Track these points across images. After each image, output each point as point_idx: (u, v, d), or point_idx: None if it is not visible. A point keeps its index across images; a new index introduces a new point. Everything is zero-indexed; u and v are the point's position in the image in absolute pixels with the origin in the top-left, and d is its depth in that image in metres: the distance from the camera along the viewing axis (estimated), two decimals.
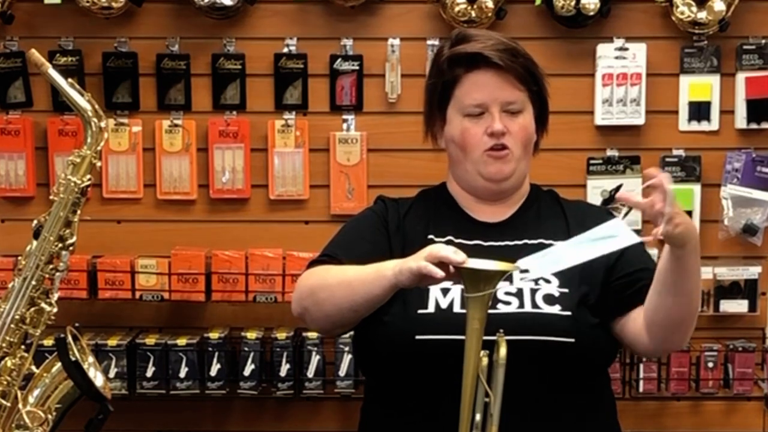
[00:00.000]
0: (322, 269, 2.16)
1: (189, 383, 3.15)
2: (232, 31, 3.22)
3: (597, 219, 2.11)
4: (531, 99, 2.23)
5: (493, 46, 2.19)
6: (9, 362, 2.48)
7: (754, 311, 3.23)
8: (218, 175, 3.23)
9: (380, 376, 2.23)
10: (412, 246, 2.13)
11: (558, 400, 2.12)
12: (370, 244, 2.21)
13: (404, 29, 3.21)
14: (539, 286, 2.14)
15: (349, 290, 2.07)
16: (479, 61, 2.19)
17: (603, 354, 2.19)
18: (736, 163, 3.20)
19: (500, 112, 2.18)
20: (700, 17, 3.13)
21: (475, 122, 2.19)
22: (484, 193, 2.24)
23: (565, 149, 3.21)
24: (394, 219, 2.26)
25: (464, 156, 2.22)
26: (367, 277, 2.04)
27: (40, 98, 3.23)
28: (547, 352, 2.09)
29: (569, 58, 3.22)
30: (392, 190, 3.10)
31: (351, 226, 2.31)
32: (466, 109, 2.20)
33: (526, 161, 2.24)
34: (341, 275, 2.10)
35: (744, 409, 3.30)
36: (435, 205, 2.29)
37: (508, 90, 2.19)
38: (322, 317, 2.13)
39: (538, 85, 2.24)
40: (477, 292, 1.91)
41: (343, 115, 3.24)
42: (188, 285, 3.13)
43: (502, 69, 2.18)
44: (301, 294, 2.15)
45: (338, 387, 3.17)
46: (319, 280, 2.13)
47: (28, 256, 2.47)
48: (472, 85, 2.20)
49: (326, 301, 2.10)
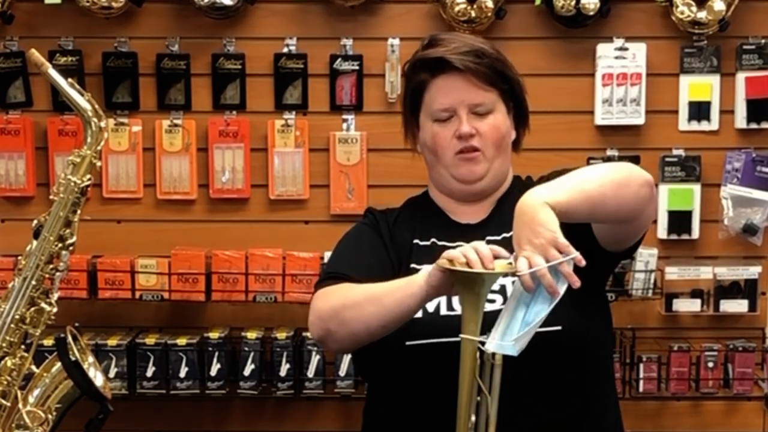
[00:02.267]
0: (340, 289, 2.12)
1: (189, 383, 3.15)
2: (232, 31, 3.22)
3: None
4: (503, 98, 2.23)
5: (456, 50, 2.20)
6: (9, 362, 2.48)
7: (754, 311, 3.23)
8: (218, 175, 3.23)
9: (378, 381, 2.25)
10: (403, 253, 2.16)
11: (555, 395, 2.11)
12: (373, 257, 2.21)
13: (404, 29, 3.21)
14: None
15: (379, 306, 2.03)
16: (443, 65, 2.20)
17: (595, 340, 2.18)
18: (736, 162, 3.20)
19: (468, 115, 2.19)
20: (700, 17, 3.13)
21: (444, 126, 2.21)
22: (461, 194, 2.26)
23: (565, 149, 3.21)
24: (385, 229, 2.27)
25: (437, 160, 2.24)
26: (397, 290, 2.02)
27: (40, 98, 3.23)
28: (536, 344, 2.08)
29: (569, 58, 3.22)
30: (392, 190, 3.12)
31: (349, 243, 2.30)
32: (434, 114, 2.22)
33: (501, 160, 2.24)
34: (367, 292, 2.06)
35: (744, 409, 3.30)
36: (419, 212, 2.30)
37: (474, 92, 2.19)
38: (347, 337, 2.08)
39: (509, 84, 2.24)
40: (471, 294, 1.92)
41: (343, 115, 3.24)
42: (188, 285, 3.14)
43: (466, 72, 2.18)
44: (322, 316, 2.10)
45: (338, 387, 3.18)
46: (342, 300, 2.09)
47: (28, 256, 2.47)
48: (438, 90, 2.21)
49: (353, 320, 2.05)
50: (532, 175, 2.32)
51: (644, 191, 2.06)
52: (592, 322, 2.17)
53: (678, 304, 3.22)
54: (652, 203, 2.12)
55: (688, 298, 3.21)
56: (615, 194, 2.03)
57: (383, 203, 3.12)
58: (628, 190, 2.04)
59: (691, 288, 3.21)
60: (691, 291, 3.21)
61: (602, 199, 2.02)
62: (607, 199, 2.02)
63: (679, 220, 3.23)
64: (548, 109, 3.15)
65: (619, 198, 2.03)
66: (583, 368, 2.17)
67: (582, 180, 2.03)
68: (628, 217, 2.09)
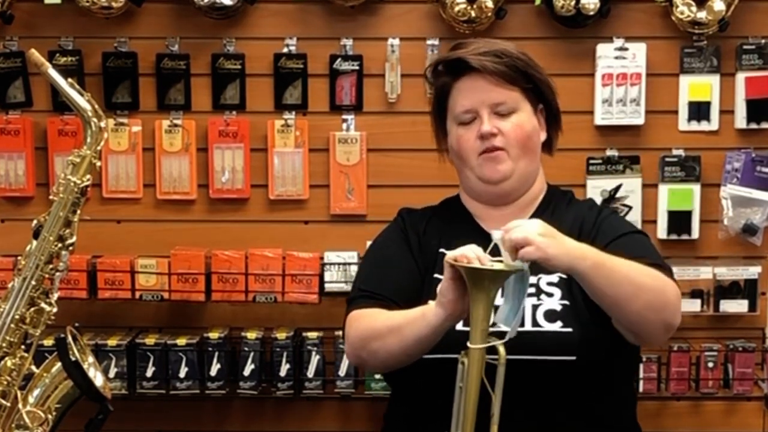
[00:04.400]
0: (369, 317, 2.17)
1: (189, 383, 3.15)
2: (232, 31, 3.22)
3: (590, 222, 2.13)
4: (528, 98, 2.23)
5: (475, 50, 2.20)
6: (9, 362, 2.48)
7: (754, 311, 3.23)
8: (218, 175, 3.23)
9: (400, 389, 2.30)
10: (429, 262, 2.20)
11: (569, 422, 2.11)
12: (402, 271, 2.24)
13: (404, 29, 3.21)
14: (541, 301, 2.14)
15: (400, 337, 2.08)
16: (463, 67, 2.20)
17: (610, 370, 2.17)
18: (736, 163, 3.20)
19: (490, 114, 2.19)
20: (700, 17, 3.13)
21: (467, 129, 2.22)
22: (488, 197, 2.25)
23: (564, 149, 3.16)
24: (414, 238, 2.28)
25: (463, 163, 2.24)
26: (415, 320, 2.05)
27: (40, 98, 3.23)
28: (549, 372, 2.09)
29: (569, 58, 3.22)
30: (392, 190, 3.13)
31: (378, 257, 2.32)
32: (458, 117, 2.23)
33: (527, 160, 2.23)
34: (391, 323, 2.11)
35: (744, 409, 3.30)
36: (450, 219, 2.30)
37: (495, 91, 2.19)
38: (380, 364, 2.17)
39: (533, 83, 2.24)
40: (480, 292, 1.92)
41: (342, 115, 3.24)
42: (188, 285, 3.13)
43: (486, 72, 2.18)
44: (354, 345, 2.18)
45: (338, 387, 3.18)
46: (370, 331, 2.14)
47: (28, 256, 2.47)
48: (459, 92, 2.22)
49: (380, 350, 2.12)
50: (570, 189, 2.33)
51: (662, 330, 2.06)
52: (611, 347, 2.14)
53: None
54: (667, 334, 2.11)
55: (688, 298, 3.20)
56: (631, 305, 2.00)
57: (383, 203, 3.15)
58: (639, 306, 2.01)
59: (690, 288, 3.21)
60: (690, 291, 3.21)
61: (617, 301, 2.00)
62: (620, 303, 2.00)
63: (678, 220, 3.23)
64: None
65: (631, 306, 2.01)
66: (601, 398, 2.16)
67: (627, 273, 2.00)
68: (633, 330, 2.08)
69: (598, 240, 2.14)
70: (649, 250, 2.18)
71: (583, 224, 2.20)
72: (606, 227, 2.19)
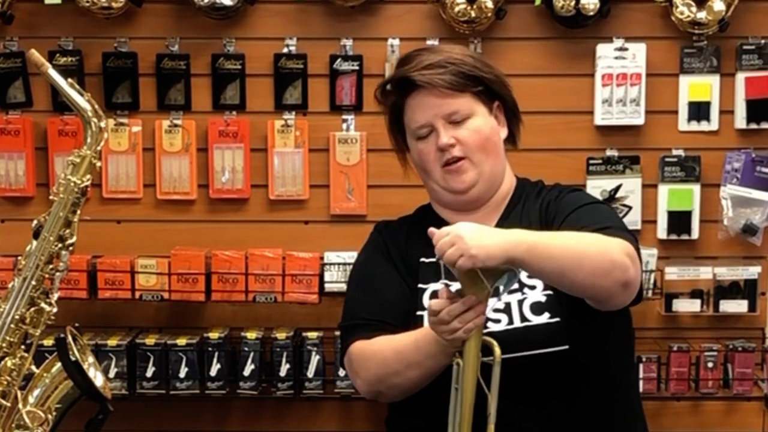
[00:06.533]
0: (375, 352, 2.18)
1: (189, 383, 3.15)
2: (232, 31, 3.22)
3: (553, 205, 2.17)
4: (481, 100, 2.22)
5: (419, 65, 2.21)
6: (9, 362, 2.48)
7: (753, 311, 3.23)
8: (218, 175, 3.23)
9: None
10: (412, 272, 2.22)
11: (568, 414, 2.11)
12: (391, 290, 2.24)
13: (404, 29, 3.21)
14: (525, 294, 2.15)
15: (420, 369, 2.11)
16: (410, 84, 2.21)
17: (605, 355, 2.18)
18: (736, 163, 3.20)
19: (445, 125, 2.20)
20: (700, 17, 3.13)
21: (426, 142, 2.24)
22: (457, 205, 2.26)
23: (564, 149, 3.21)
24: (396, 252, 2.29)
25: (427, 176, 2.26)
26: (424, 346, 2.08)
27: (40, 98, 3.23)
28: (544, 365, 2.09)
29: (569, 58, 3.22)
30: (392, 190, 3.13)
31: (362, 282, 2.33)
32: (415, 132, 2.25)
33: (491, 162, 2.23)
34: (405, 358, 2.13)
35: (744, 409, 3.30)
36: (425, 225, 2.30)
37: (447, 102, 2.20)
38: (399, 394, 2.19)
39: (483, 84, 2.23)
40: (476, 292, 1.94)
41: (342, 115, 3.24)
42: (188, 285, 3.13)
43: (433, 86, 2.18)
44: (370, 382, 2.20)
45: (338, 387, 3.18)
46: (383, 368, 2.16)
47: (28, 256, 2.47)
48: (411, 109, 2.25)
49: (402, 384, 2.15)
50: (540, 178, 2.32)
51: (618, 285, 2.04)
52: (602, 331, 2.16)
53: (678, 305, 3.22)
54: (628, 292, 2.08)
55: (688, 299, 3.21)
56: (576, 273, 2.00)
57: (383, 203, 3.15)
58: (599, 280, 2.01)
59: (690, 288, 3.21)
60: (690, 291, 3.21)
61: (560, 275, 2.00)
62: (564, 275, 2.00)
63: (678, 220, 3.23)
64: (548, 109, 3.16)
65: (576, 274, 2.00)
66: (600, 386, 2.16)
67: (564, 246, 2.00)
68: (591, 298, 2.08)
69: (557, 219, 2.16)
70: (599, 217, 2.15)
71: (548, 208, 2.21)
72: (563, 205, 2.19)
